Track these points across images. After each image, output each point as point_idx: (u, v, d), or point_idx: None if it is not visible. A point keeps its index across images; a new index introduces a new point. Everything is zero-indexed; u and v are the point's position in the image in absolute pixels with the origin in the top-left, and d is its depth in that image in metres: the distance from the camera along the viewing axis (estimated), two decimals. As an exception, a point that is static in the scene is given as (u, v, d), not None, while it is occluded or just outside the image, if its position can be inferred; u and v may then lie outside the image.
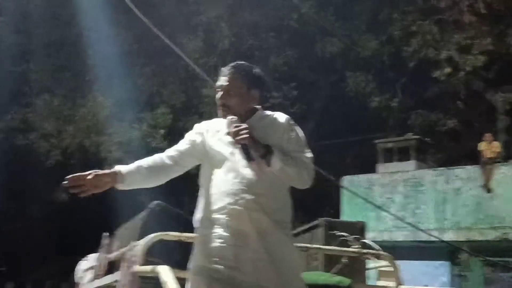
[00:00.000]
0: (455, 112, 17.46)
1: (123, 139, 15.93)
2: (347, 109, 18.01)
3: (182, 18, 17.01)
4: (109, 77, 16.26)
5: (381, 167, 15.22)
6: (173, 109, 16.52)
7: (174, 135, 16.39)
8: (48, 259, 25.91)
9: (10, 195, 21.58)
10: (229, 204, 2.63)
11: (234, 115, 2.74)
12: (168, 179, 2.85)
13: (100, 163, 15.73)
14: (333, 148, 19.25)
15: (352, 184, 14.37)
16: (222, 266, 2.58)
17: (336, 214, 14.52)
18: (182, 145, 2.87)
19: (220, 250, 2.60)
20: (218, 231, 2.63)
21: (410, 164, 14.84)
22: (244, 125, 2.66)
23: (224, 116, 2.78)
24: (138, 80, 17.33)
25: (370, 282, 5.67)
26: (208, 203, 2.72)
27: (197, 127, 2.90)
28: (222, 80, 2.80)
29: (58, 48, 17.20)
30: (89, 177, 2.60)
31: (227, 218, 2.63)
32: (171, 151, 2.84)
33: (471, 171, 13.46)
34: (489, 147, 13.46)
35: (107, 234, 5.38)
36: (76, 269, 5.74)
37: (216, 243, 2.62)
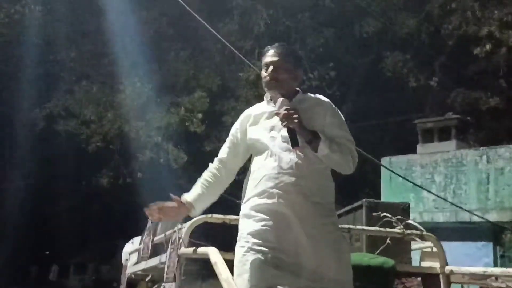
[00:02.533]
0: (497, 90, 17.06)
1: (162, 124, 16.07)
2: (385, 89, 17.79)
3: (218, 2, 16.98)
4: (145, 63, 16.43)
5: (421, 148, 15.00)
6: (210, 93, 16.56)
7: (211, 119, 16.48)
8: (89, 243, 26.50)
9: (52, 181, 22.09)
10: (270, 188, 2.67)
11: (283, 92, 2.75)
12: (226, 187, 3.03)
13: (141, 148, 15.95)
14: (371, 129, 19.07)
15: (391, 165, 14.22)
16: (266, 248, 2.61)
17: (376, 196, 14.38)
18: (225, 149, 2.98)
19: (263, 233, 2.63)
20: (260, 214, 2.67)
21: (451, 144, 14.56)
22: (294, 109, 2.67)
23: (274, 91, 2.78)
24: (175, 64, 17.43)
25: (413, 263, 5.62)
26: (251, 188, 2.77)
27: (238, 121, 2.96)
28: (272, 56, 2.81)
29: (96, 35, 17.38)
30: (157, 208, 2.90)
31: (268, 201, 2.67)
32: (218, 161, 2.97)
33: (514, 150, 13.18)
34: (533, 125, 13.16)
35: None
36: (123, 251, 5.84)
37: (259, 226, 2.65)
